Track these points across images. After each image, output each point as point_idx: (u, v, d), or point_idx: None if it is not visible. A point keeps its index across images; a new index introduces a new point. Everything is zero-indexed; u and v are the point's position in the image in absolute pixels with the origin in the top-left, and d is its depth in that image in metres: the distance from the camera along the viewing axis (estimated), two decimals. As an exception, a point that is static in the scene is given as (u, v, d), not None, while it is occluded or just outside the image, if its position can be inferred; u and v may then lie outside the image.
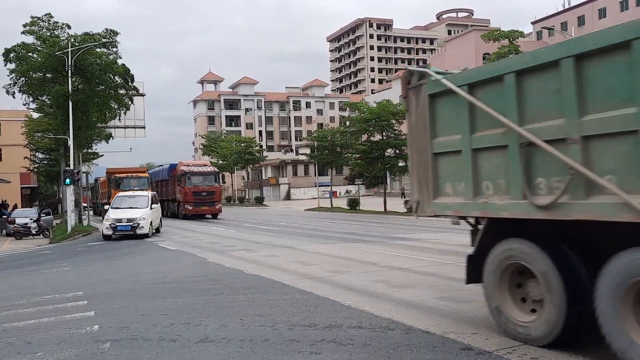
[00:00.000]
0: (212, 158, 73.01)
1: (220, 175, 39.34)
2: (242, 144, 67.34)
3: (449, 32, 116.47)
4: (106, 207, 28.12)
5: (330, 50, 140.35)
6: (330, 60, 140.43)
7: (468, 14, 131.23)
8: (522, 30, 28.33)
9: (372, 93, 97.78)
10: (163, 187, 39.81)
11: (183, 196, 34.48)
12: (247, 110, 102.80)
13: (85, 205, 57.49)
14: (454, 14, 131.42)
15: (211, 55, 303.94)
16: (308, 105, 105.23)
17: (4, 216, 30.53)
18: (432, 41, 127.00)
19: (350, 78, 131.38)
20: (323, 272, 11.15)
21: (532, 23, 74.41)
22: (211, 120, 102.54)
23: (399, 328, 6.48)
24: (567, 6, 71.18)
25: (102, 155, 49.75)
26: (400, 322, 6.75)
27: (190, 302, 8.52)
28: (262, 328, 6.68)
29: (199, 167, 36.47)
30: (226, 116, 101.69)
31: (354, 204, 40.25)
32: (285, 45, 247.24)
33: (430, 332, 6.25)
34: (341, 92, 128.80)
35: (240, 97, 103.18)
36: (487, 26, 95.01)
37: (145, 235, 21.71)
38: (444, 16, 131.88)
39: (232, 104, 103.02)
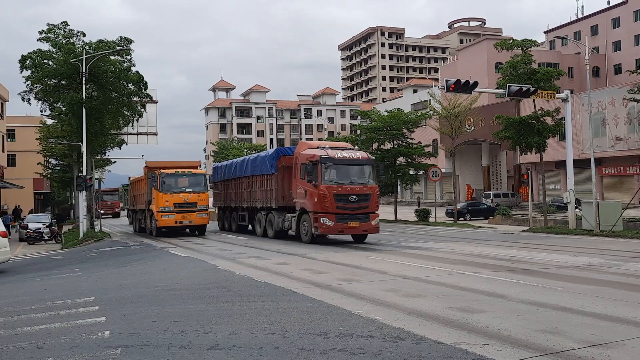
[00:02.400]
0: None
1: (377, 167, 21.56)
2: (253, 152, 67.61)
3: (461, 41, 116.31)
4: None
5: (341, 59, 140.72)
6: (342, 69, 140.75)
7: (480, 23, 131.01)
8: (535, 39, 28.17)
9: (383, 101, 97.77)
10: (253, 188, 24.66)
11: (317, 202, 19.06)
12: (258, 117, 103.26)
13: (115, 211, 56.87)
14: (466, 23, 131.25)
15: (223, 64, 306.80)
16: (319, 113, 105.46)
17: (19, 220, 30.83)
18: (444, 50, 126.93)
19: (361, 86, 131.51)
20: (333, 280, 11.11)
21: (545, 32, 74.16)
22: (222, 127, 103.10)
23: (410, 338, 6.43)
24: (580, 15, 70.87)
25: (115, 161, 50.13)
26: (411, 331, 6.70)
27: (200, 309, 8.53)
28: (272, 336, 6.66)
29: (343, 151, 20.27)
30: (237, 124, 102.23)
31: (364, 213, 40.08)
32: (296, 54, 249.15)
33: (442, 343, 6.20)
34: (352, 100, 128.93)
35: (252, 104, 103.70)
36: (499, 35, 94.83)
37: None
38: (456, 25, 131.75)
39: (243, 112, 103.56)
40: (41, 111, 32.01)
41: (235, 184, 27.44)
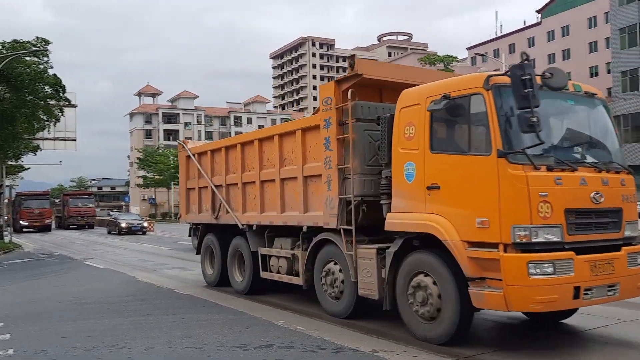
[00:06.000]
0: (147, 173, 71.06)
1: None
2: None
3: (389, 54, 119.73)
4: None
5: (273, 67, 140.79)
6: (273, 77, 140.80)
7: (407, 37, 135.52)
8: (456, 55, 29.69)
9: (314, 110, 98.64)
10: None
11: None
12: (186, 124, 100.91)
13: (44, 223, 46.45)
14: (394, 37, 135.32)
15: (152, 71, 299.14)
16: (249, 121, 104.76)
17: None
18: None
19: (292, 95, 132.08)
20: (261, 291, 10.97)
21: (467, 49, 77.73)
22: (148, 134, 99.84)
23: (330, 347, 6.46)
24: (499, 34, 74.89)
25: (29, 168, 47.25)
26: (331, 341, 6.73)
27: (115, 323, 8.17)
28: (189, 350, 6.48)
29: None
30: (164, 130, 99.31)
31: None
32: (227, 63, 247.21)
33: (360, 351, 6.27)
34: (283, 108, 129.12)
35: (180, 110, 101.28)
36: (425, 50, 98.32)
37: None
38: (384, 38, 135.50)
39: (170, 118, 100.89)
40: None
41: None
